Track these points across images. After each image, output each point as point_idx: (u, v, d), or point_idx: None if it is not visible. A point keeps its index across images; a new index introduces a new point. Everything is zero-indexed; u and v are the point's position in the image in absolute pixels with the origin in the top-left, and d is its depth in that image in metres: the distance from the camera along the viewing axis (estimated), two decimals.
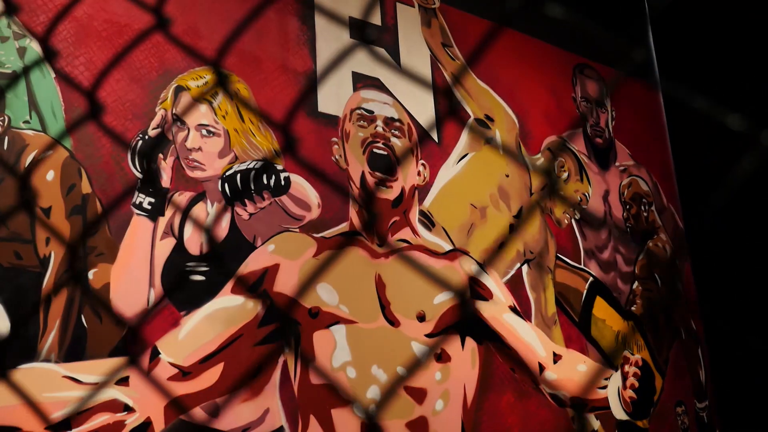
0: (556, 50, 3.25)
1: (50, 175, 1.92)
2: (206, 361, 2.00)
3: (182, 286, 2.04)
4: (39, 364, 1.79)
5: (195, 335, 2.01)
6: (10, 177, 1.85)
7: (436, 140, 2.71)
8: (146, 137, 2.08)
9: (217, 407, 1.99)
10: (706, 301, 3.35)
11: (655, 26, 3.64)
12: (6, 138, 1.87)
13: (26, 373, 1.77)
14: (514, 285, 2.74)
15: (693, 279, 3.40)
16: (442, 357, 2.43)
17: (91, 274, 1.91)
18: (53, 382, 1.79)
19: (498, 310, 2.62)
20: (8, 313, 1.76)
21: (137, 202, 2.03)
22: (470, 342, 2.52)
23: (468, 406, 2.45)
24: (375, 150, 2.49)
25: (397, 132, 2.56)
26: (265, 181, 2.20)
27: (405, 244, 2.49)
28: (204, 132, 2.17)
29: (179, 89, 2.18)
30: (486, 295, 2.60)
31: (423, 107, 2.70)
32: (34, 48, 1.98)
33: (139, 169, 2.05)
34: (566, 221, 2.98)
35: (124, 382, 1.89)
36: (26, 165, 1.88)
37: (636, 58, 3.54)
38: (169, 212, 2.08)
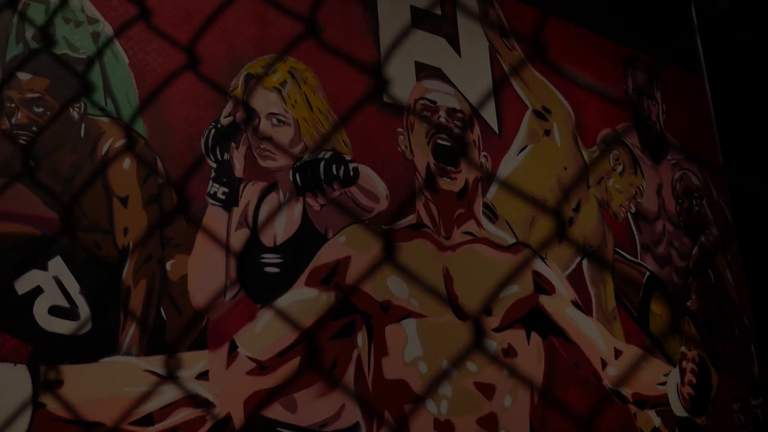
0: (608, 42, 3.20)
1: (126, 164, 1.86)
2: (283, 355, 1.95)
3: (257, 278, 1.99)
4: (120, 358, 1.74)
5: (271, 328, 1.96)
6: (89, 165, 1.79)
7: (497, 132, 2.66)
8: (219, 126, 2.03)
9: (294, 402, 1.94)
10: (758, 296, 3.31)
11: (700, 17, 3.59)
12: (83, 125, 1.82)
13: (108, 367, 1.71)
14: (575, 279, 2.69)
15: (744, 274, 3.36)
16: (509, 352, 2.38)
17: (168, 266, 1.86)
18: (135, 376, 1.74)
19: (560, 305, 2.57)
20: (89, 305, 1.71)
21: (211, 192, 1.98)
22: (535, 337, 2.47)
23: (535, 401, 2.41)
24: (439, 141, 2.43)
25: (459, 123, 2.51)
26: (335, 172, 2.14)
27: (470, 237, 2.44)
28: (274, 121, 2.12)
29: (249, 77, 2.13)
30: (548, 289, 2.55)
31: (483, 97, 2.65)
32: (108, 33, 1.92)
33: (213, 159, 2.00)
34: (622, 215, 2.94)
35: (203, 376, 1.84)
36: (103, 153, 1.83)
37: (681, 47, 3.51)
38: (242, 202, 2.03)
